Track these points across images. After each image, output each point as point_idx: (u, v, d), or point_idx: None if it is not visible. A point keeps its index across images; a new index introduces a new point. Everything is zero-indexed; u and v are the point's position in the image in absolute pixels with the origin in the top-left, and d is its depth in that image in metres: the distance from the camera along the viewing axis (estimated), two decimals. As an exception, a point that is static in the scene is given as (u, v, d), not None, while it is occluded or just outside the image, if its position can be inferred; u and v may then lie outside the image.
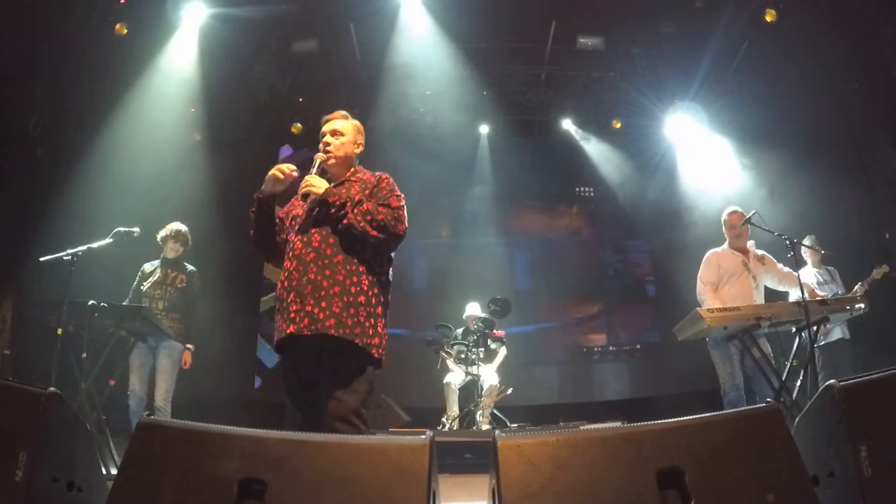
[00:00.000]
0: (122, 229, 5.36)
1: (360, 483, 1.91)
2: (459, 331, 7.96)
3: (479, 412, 7.31)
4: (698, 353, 5.61)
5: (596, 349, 10.26)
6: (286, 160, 3.51)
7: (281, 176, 3.10)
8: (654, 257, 10.35)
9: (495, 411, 7.63)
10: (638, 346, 10.16)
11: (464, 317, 7.97)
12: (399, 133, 9.43)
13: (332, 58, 8.91)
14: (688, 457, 1.98)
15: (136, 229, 5.42)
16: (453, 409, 7.53)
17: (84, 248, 5.11)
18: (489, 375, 7.61)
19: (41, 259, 5.07)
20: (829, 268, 6.82)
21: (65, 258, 5.04)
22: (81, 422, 2.68)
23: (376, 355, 3.04)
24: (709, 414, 2.14)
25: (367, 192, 3.14)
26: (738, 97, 8.88)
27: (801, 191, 7.72)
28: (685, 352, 6.10)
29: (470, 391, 7.57)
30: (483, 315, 7.82)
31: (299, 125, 9.51)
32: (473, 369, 7.50)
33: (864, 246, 7.56)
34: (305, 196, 3.20)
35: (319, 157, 3.23)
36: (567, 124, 10.26)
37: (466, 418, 7.51)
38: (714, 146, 9.35)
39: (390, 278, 3.27)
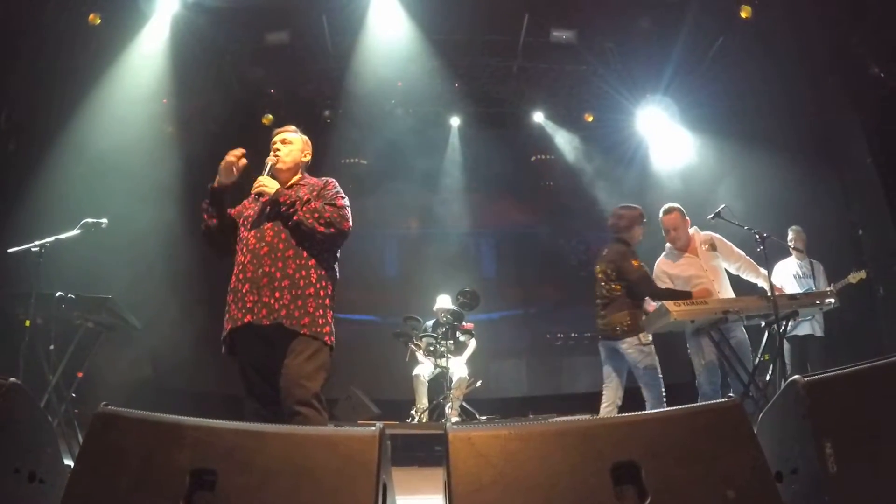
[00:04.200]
0: (90, 220, 5.33)
1: (309, 475, 1.93)
2: (430, 322, 7.97)
3: (449, 405, 7.32)
4: (674, 344, 5.61)
5: (559, 336, 10.32)
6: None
7: (233, 159, 3.37)
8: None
9: (464, 404, 7.67)
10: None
11: (434, 309, 7.98)
12: (370, 124, 9.44)
13: (304, 49, 8.87)
14: (645, 452, 1.99)
15: (104, 220, 5.38)
16: (422, 402, 7.58)
17: (52, 239, 5.08)
18: (458, 368, 7.66)
19: (9, 250, 5.05)
20: (812, 261, 6.83)
21: (33, 249, 5.00)
22: (44, 413, 2.68)
23: (328, 342, 3.25)
24: (668, 408, 2.15)
25: (314, 193, 3.41)
26: (711, 91, 8.87)
27: (775, 185, 7.78)
28: (662, 343, 6.15)
29: (439, 383, 7.58)
30: (452, 307, 7.84)
31: (270, 116, 9.48)
32: (442, 361, 7.51)
33: (838, 241, 7.64)
34: (258, 196, 3.42)
35: (270, 161, 3.49)
36: (538, 117, 10.30)
37: (436, 411, 7.54)
38: (685, 140, 9.39)
39: (337, 273, 3.51)
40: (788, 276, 6.79)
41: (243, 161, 3.40)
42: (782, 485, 2.20)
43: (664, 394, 5.06)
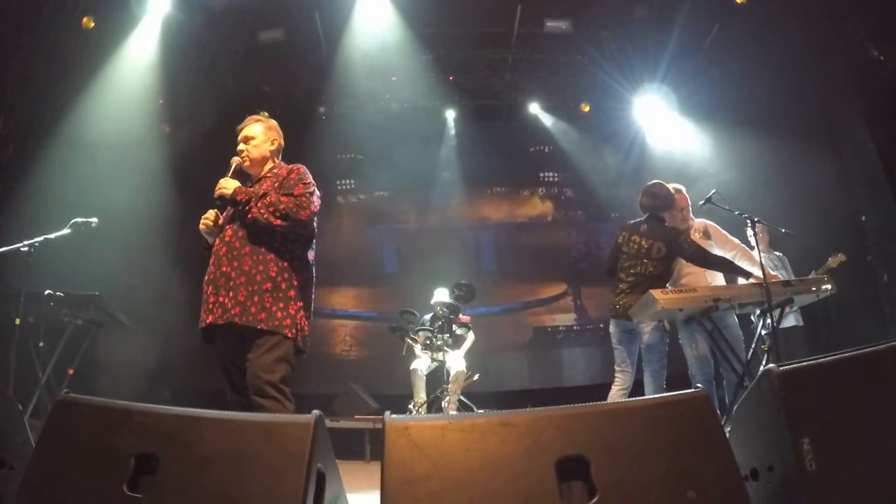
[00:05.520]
0: (80, 220, 5.40)
1: (244, 461, 1.92)
2: (428, 316, 7.91)
3: (446, 399, 7.25)
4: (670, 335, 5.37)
5: (561, 328, 10.24)
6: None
7: (210, 224, 3.49)
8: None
9: (462, 398, 7.61)
10: (601, 326, 10.17)
11: (431, 302, 7.92)
12: (365, 120, 9.45)
13: (297, 46, 8.90)
14: (595, 446, 1.89)
15: (94, 220, 5.46)
16: (420, 396, 7.52)
17: (41, 238, 5.17)
18: (456, 361, 7.59)
19: (-2, 251, 5.12)
20: (777, 254, 6.75)
21: (22, 249, 5.10)
22: (14, 402, 2.72)
23: (290, 335, 3.24)
24: (625, 400, 2.06)
25: (276, 184, 3.43)
26: (708, 79, 8.81)
27: (773, 173, 7.68)
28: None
29: (438, 377, 7.51)
30: (448, 301, 7.80)
31: (266, 114, 9.42)
32: (440, 355, 7.47)
33: (839, 227, 7.49)
34: (224, 199, 3.43)
35: (235, 161, 3.56)
36: (535, 108, 10.23)
37: (434, 405, 7.46)
38: (683, 128, 9.31)
39: (310, 261, 3.53)
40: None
41: (219, 219, 3.49)
42: (758, 483, 2.11)
43: (665, 388, 4.89)
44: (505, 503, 1.83)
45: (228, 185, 3.39)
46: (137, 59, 7.83)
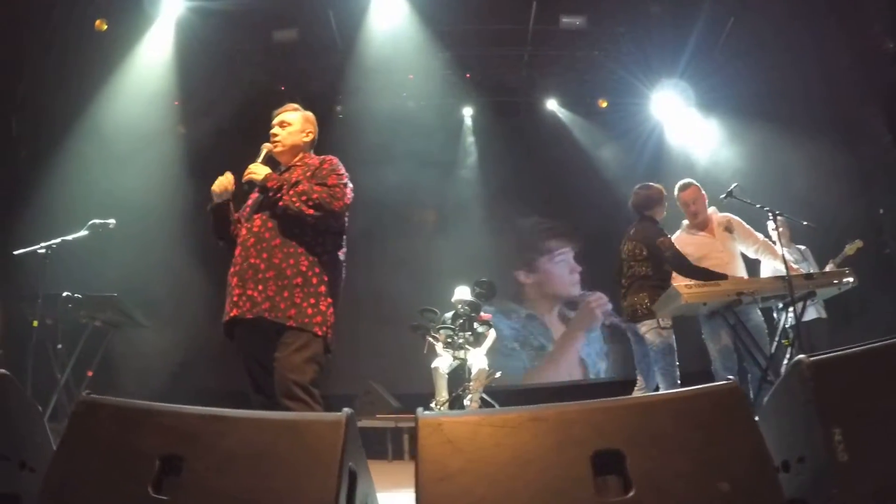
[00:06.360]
0: (97, 221, 5.42)
1: (271, 460, 1.87)
2: (448, 314, 7.89)
3: (468, 397, 7.23)
4: (687, 331, 5.36)
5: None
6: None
7: (219, 191, 3.31)
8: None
9: (484, 395, 7.57)
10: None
11: (452, 300, 7.90)
12: (382, 118, 9.42)
13: (312, 46, 8.88)
14: (629, 439, 1.86)
15: (112, 221, 5.49)
16: (442, 395, 7.46)
17: (58, 240, 5.19)
18: (478, 359, 7.53)
19: (15, 252, 5.13)
20: (799, 247, 6.67)
21: (39, 251, 5.12)
22: (34, 404, 2.68)
23: (319, 333, 3.08)
24: (657, 393, 2.03)
25: (308, 174, 3.25)
26: (725, 74, 8.73)
27: (791, 167, 7.60)
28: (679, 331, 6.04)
29: (459, 375, 7.49)
30: (470, 298, 7.78)
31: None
32: (461, 353, 7.44)
33: (856, 221, 7.38)
34: (252, 185, 3.28)
35: (266, 147, 3.39)
36: (552, 105, 10.20)
37: (456, 403, 7.43)
38: (701, 123, 9.27)
39: (341, 257, 3.34)
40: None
41: (231, 183, 3.32)
42: (789, 475, 2.06)
43: (679, 383, 4.87)
44: (539, 497, 1.80)
45: (259, 170, 3.23)
46: (151, 59, 7.88)
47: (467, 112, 10.43)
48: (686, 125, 9.51)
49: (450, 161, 10.38)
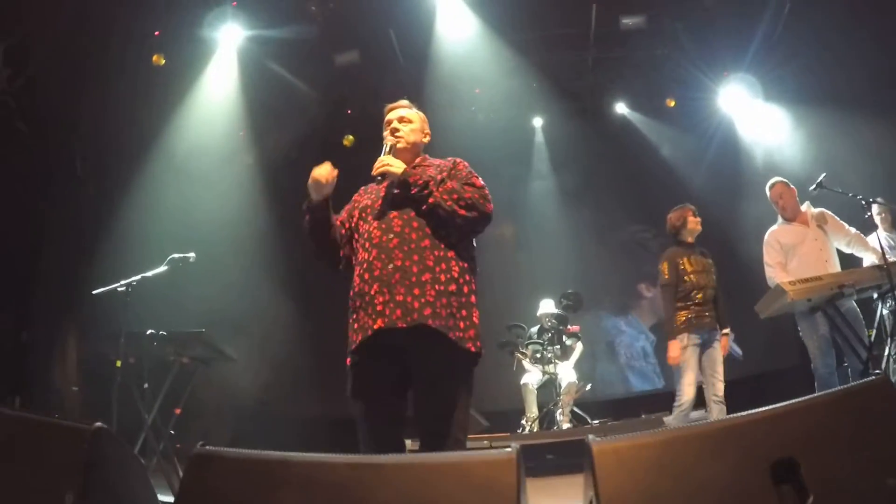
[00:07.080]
0: (177, 256, 5.34)
1: None
2: (534, 329, 7.80)
3: (559, 411, 7.16)
4: (780, 328, 5.47)
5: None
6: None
7: (322, 181, 2.86)
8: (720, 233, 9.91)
9: (575, 409, 7.49)
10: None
11: (538, 314, 7.78)
12: (453, 133, 9.28)
13: (375, 66, 8.81)
14: (802, 446, 1.72)
15: (192, 255, 5.40)
16: (532, 411, 7.36)
17: (138, 277, 5.12)
18: (567, 373, 7.43)
19: (94, 292, 5.05)
20: None
21: (119, 290, 5.04)
22: (135, 456, 2.51)
23: (473, 349, 2.73)
24: (810, 396, 1.86)
25: (444, 174, 2.90)
26: (790, 65, 8.48)
27: (871, 153, 7.35)
28: (770, 327, 5.74)
29: (548, 390, 7.42)
30: (556, 311, 7.65)
31: (351, 137, 9.42)
32: (550, 368, 7.34)
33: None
34: (381, 179, 2.99)
35: (389, 140, 3.00)
36: (621, 108, 10.05)
37: (546, 419, 7.36)
38: (770, 116, 9.07)
39: (476, 266, 2.98)
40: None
41: (334, 174, 2.88)
42: None
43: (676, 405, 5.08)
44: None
45: (395, 163, 2.86)
46: (216, 89, 7.90)
47: (537, 121, 10.39)
48: (758, 118, 9.28)
49: (524, 172, 10.34)
